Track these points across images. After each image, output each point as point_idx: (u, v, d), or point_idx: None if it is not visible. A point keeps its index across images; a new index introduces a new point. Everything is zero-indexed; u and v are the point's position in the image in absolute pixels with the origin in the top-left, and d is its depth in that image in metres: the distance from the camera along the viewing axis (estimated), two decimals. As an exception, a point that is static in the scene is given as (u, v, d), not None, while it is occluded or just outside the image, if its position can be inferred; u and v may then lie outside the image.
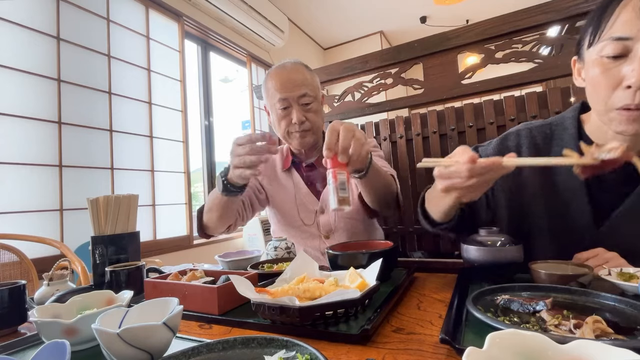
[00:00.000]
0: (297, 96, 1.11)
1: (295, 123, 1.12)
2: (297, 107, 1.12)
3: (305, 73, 1.15)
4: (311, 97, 1.13)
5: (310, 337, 0.52)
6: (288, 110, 1.13)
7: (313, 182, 1.24)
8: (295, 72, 1.13)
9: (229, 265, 0.99)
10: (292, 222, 1.22)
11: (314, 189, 1.23)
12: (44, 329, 0.51)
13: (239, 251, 1.13)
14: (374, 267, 0.65)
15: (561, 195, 0.75)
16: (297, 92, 1.11)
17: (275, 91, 1.12)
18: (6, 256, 1.38)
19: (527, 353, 0.31)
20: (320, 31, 4.64)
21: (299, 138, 1.15)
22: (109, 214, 0.90)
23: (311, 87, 1.13)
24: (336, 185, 0.71)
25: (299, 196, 1.22)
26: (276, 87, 1.12)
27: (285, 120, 1.14)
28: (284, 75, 1.13)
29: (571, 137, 0.73)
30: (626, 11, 0.57)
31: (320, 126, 1.19)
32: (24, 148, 1.73)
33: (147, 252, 2.25)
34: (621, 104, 0.60)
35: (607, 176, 0.63)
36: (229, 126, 3.53)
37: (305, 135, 1.15)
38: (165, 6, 2.62)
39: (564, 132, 0.76)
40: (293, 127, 1.13)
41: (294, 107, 1.12)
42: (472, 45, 1.44)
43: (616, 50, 0.58)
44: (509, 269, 0.68)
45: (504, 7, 2.59)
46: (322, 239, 1.20)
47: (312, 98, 1.13)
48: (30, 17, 1.80)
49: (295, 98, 1.11)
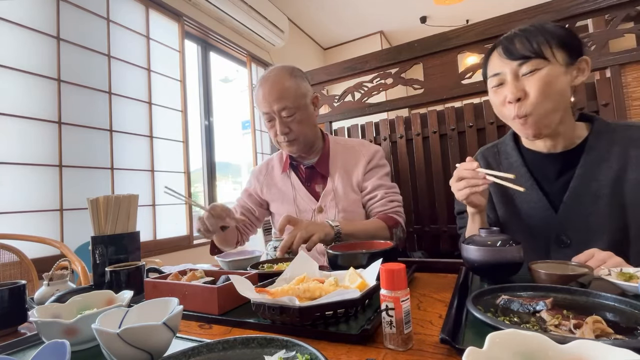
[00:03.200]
0: (277, 110, 1.12)
1: (279, 135, 1.15)
2: (279, 120, 1.13)
3: (287, 82, 1.13)
4: (292, 108, 1.12)
5: (310, 337, 0.52)
6: (272, 123, 1.16)
7: (312, 183, 1.25)
8: (276, 83, 1.13)
9: (229, 265, 1.00)
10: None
11: (313, 189, 1.24)
12: (44, 329, 0.51)
13: (239, 251, 1.14)
14: (374, 267, 0.64)
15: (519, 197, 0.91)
16: (276, 106, 1.11)
17: (259, 104, 1.16)
18: (6, 256, 1.38)
19: (527, 353, 0.31)
20: (320, 31, 4.64)
21: (287, 147, 1.19)
22: (109, 214, 0.90)
23: (292, 98, 1.12)
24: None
25: (298, 197, 1.24)
26: (259, 100, 1.15)
27: (272, 131, 1.18)
28: (265, 88, 1.13)
29: (512, 148, 0.94)
30: (494, 57, 0.84)
31: (308, 133, 1.18)
32: (24, 148, 1.73)
33: (147, 252, 2.24)
34: (511, 117, 0.82)
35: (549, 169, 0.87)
36: (229, 126, 3.53)
37: (292, 145, 1.17)
38: (165, 6, 2.62)
39: (507, 146, 0.96)
40: (279, 137, 1.16)
41: (277, 119, 1.14)
42: (472, 45, 1.44)
43: (496, 82, 0.83)
44: (509, 269, 0.68)
45: (504, 7, 2.59)
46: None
47: (293, 109, 1.12)
48: (30, 17, 1.80)
49: (276, 111, 1.12)
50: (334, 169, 1.23)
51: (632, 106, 1.20)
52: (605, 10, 1.22)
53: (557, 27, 0.80)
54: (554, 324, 0.46)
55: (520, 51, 0.78)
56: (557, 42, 0.77)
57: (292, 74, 1.16)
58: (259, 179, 1.33)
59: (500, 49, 0.82)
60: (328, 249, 0.82)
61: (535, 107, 0.78)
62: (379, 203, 1.17)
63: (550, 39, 0.77)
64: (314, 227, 0.96)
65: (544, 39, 0.77)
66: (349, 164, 1.23)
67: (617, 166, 0.80)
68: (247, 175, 1.38)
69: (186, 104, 2.73)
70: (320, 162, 1.23)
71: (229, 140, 3.53)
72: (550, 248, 0.86)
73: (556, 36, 0.78)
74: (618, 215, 0.79)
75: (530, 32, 0.79)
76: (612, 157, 0.81)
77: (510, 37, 0.82)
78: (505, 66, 0.80)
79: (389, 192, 1.19)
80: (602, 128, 0.84)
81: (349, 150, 1.26)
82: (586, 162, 0.82)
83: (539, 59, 0.76)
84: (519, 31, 0.81)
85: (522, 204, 0.91)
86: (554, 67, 0.77)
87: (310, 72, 1.80)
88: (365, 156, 1.23)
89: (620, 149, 0.81)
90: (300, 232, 0.92)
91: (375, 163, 1.23)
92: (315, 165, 1.23)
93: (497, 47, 0.84)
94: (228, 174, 3.62)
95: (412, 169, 1.59)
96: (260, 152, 3.51)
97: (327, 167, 1.23)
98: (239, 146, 3.69)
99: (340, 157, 1.24)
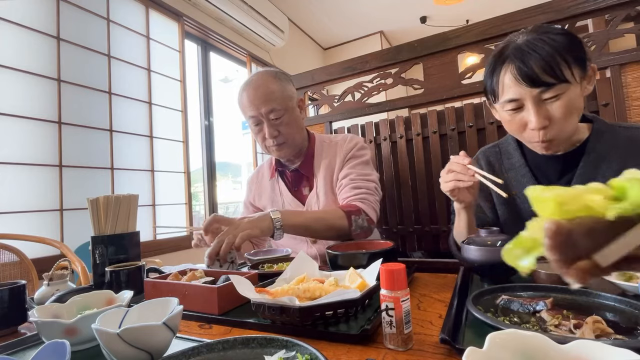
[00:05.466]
0: (265, 112, 1.10)
1: (268, 138, 1.13)
2: (267, 123, 1.11)
3: (272, 85, 1.11)
4: (280, 110, 1.10)
5: (310, 337, 0.52)
6: (260, 127, 1.13)
7: (298, 187, 1.23)
8: (261, 86, 1.10)
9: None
10: None
11: (300, 193, 1.22)
12: (44, 329, 0.52)
13: (268, 249, 1.16)
14: (374, 267, 0.65)
15: (520, 197, 0.91)
16: (263, 109, 1.09)
17: (244, 109, 1.14)
18: (6, 256, 1.38)
19: (527, 353, 0.31)
20: (320, 31, 4.64)
21: (277, 151, 1.16)
22: (109, 214, 0.90)
23: (279, 100, 1.10)
24: None
25: (285, 203, 1.23)
26: (244, 104, 1.13)
27: (259, 136, 1.15)
28: (250, 91, 1.11)
29: (514, 148, 0.94)
30: (507, 80, 0.78)
31: (296, 136, 1.16)
32: (24, 148, 1.73)
33: (147, 252, 2.24)
34: (534, 140, 0.80)
35: (551, 170, 0.87)
36: (229, 126, 3.53)
37: (281, 148, 1.15)
38: (165, 6, 2.62)
39: (509, 146, 0.96)
40: (268, 141, 1.14)
41: (265, 123, 1.11)
42: (472, 45, 1.44)
43: (513, 106, 0.79)
44: (509, 269, 0.68)
45: (504, 7, 2.59)
46: (309, 243, 1.19)
47: (281, 111, 1.10)
48: (30, 17, 1.80)
49: (264, 114, 1.10)
50: (317, 169, 1.20)
51: (632, 106, 1.20)
52: (605, 10, 1.22)
53: (564, 37, 0.75)
54: (554, 324, 0.46)
55: (542, 77, 0.73)
56: (573, 59, 0.73)
57: (276, 77, 1.14)
58: (251, 188, 1.34)
59: (515, 71, 0.75)
60: (328, 249, 0.82)
61: (561, 132, 0.77)
62: (343, 191, 1.13)
63: (567, 57, 0.73)
64: (246, 224, 0.89)
65: (562, 59, 0.72)
66: (330, 161, 1.20)
67: (617, 167, 0.80)
68: (247, 175, 1.36)
69: (186, 104, 2.72)
70: (304, 164, 1.21)
71: (229, 140, 3.53)
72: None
73: (570, 52, 0.73)
74: None
75: (545, 53, 0.73)
76: (613, 158, 0.81)
77: (523, 57, 0.75)
78: (524, 92, 0.75)
79: (356, 178, 1.13)
80: (603, 129, 0.84)
81: (332, 147, 1.22)
82: (586, 163, 0.82)
83: (562, 83, 0.73)
84: (530, 49, 0.74)
85: (523, 204, 0.91)
86: (575, 88, 0.74)
87: (310, 72, 1.80)
88: (343, 150, 1.19)
89: (621, 150, 0.81)
90: (228, 238, 0.84)
91: (351, 154, 1.18)
92: (299, 168, 1.21)
93: (506, 63, 0.78)
94: (228, 174, 3.62)
95: (412, 169, 1.59)
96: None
97: (312, 168, 1.21)
98: (239, 146, 3.69)
99: (324, 156, 1.21)
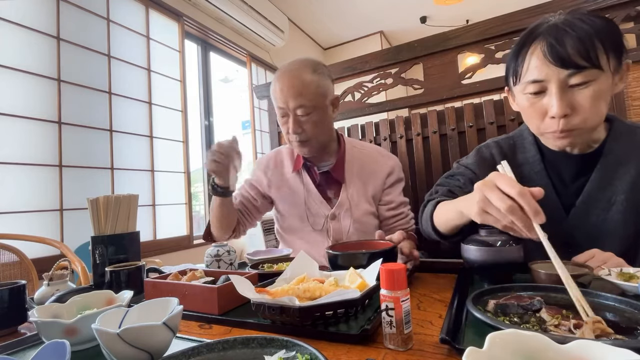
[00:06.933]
0: (292, 107, 1.05)
1: (291, 133, 1.08)
2: (293, 118, 1.06)
3: (308, 78, 1.05)
4: (309, 107, 1.04)
5: (310, 337, 0.52)
6: (286, 119, 1.08)
7: (325, 187, 1.19)
8: (295, 78, 1.04)
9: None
10: (300, 226, 1.19)
11: (324, 193, 1.18)
12: (44, 329, 0.51)
13: (268, 249, 1.16)
14: (374, 267, 0.64)
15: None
16: (292, 104, 1.04)
17: (274, 97, 1.09)
18: (6, 256, 1.38)
19: (527, 353, 0.31)
20: (320, 31, 4.64)
21: (298, 147, 1.11)
22: (109, 214, 0.90)
23: (311, 96, 1.04)
24: None
25: (309, 200, 1.17)
26: (276, 93, 1.07)
27: (284, 128, 1.10)
28: (283, 81, 1.05)
29: (530, 143, 0.88)
30: (535, 58, 0.71)
31: (321, 136, 1.11)
32: (24, 148, 1.73)
33: (147, 252, 2.24)
34: (550, 130, 0.74)
35: (566, 170, 0.82)
36: (229, 126, 3.53)
37: (304, 146, 1.10)
38: (165, 6, 2.62)
39: (524, 140, 0.90)
40: (291, 136, 1.09)
41: (291, 117, 1.06)
42: (472, 45, 1.44)
43: (535, 89, 0.72)
44: (509, 269, 0.68)
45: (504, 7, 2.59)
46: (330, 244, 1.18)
47: (310, 108, 1.05)
48: (30, 17, 1.80)
49: (291, 108, 1.05)
50: (349, 175, 1.17)
51: (632, 106, 1.20)
52: (605, 10, 1.21)
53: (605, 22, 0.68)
54: (554, 324, 0.46)
55: (574, 59, 0.65)
56: (612, 46, 0.66)
57: (315, 69, 1.07)
58: (266, 173, 1.24)
59: (546, 49, 0.68)
60: (328, 249, 0.82)
61: (584, 123, 0.69)
62: (403, 221, 1.20)
63: (606, 42, 0.66)
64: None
65: (600, 43, 0.65)
66: (365, 172, 1.17)
67: (635, 171, 0.76)
68: (247, 175, 1.34)
69: (186, 104, 2.73)
70: (336, 168, 1.17)
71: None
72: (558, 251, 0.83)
73: (609, 38, 0.66)
74: (631, 222, 0.76)
75: (583, 33, 0.66)
76: (631, 161, 0.76)
77: (558, 34, 0.67)
78: (551, 73, 0.68)
79: (406, 209, 1.22)
80: (621, 129, 0.79)
81: (366, 158, 1.20)
82: (603, 166, 0.77)
83: (594, 69, 0.66)
84: (568, 27, 0.67)
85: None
86: (606, 77, 0.67)
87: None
88: (385, 168, 1.18)
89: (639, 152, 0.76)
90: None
91: (396, 177, 1.20)
92: (330, 171, 1.17)
93: (537, 40, 0.70)
94: (228, 174, 3.61)
95: (412, 169, 1.59)
96: (260, 152, 3.51)
97: (343, 173, 1.17)
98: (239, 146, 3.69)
99: (357, 164, 1.18)
